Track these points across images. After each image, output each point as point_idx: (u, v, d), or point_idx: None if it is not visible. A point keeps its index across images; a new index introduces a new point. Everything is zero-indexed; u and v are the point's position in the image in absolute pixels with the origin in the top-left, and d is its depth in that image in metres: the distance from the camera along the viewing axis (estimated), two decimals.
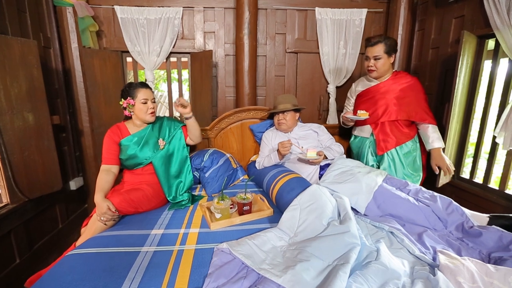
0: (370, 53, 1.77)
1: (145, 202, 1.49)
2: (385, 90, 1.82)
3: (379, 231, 1.23)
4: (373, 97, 1.85)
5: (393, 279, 0.88)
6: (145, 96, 1.54)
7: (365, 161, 1.93)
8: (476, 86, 1.92)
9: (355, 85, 2.03)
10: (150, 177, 1.61)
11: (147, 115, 1.56)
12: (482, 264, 0.90)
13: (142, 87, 1.57)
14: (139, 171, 1.61)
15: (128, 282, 0.93)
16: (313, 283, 0.85)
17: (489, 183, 1.83)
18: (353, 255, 0.94)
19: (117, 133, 1.57)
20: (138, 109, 1.55)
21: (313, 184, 1.34)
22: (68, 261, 1.06)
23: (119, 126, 1.61)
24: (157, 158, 1.60)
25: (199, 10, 2.38)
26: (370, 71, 1.81)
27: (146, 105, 1.55)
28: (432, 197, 1.37)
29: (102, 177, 1.46)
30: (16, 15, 1.70)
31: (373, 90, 1.86)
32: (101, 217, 1.30)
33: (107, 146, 1.55)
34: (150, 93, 1.59)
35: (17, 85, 1.59)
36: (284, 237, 1.14)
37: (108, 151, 1.54)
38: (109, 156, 1.54)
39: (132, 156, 1.56)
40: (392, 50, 1.75)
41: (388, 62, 1.77)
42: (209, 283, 0.89)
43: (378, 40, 1.73)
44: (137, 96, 1.53)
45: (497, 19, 1.61)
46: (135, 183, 1.57)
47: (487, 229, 1.12)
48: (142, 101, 1.54)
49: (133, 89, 1.54)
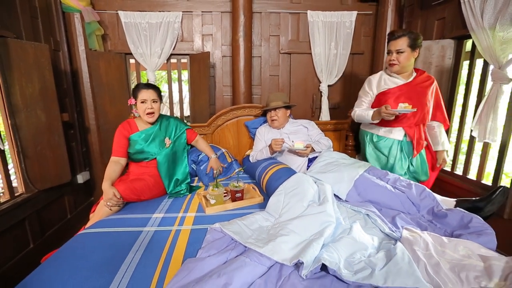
0: (393, 47, 1.66)
1: (147, 191, 1.63)
2: (417, 89, 1.69)
3: (357, 214, 1.36)
4: (408, 96, 1.68)
5: (361, 250, 1.01)
6: (144, 97, 1.62)
7: (400, 165, 1.78)
8: (456, 85, 2.04)
9: (376, 81, 1.81)
10: (153, 170, 1.75)
11: (145, 115, 1.65)
12: (437, 237, 1.03)
13: (144, 88, 1.65)
14: (144, 164, 1.75)
15: (132, 254, 1.08)
16: (290, 252, 0.98)
17: (468, 175, 1.95)
18: (327, 231, 1.07)
19: (127, 128, 1.70)
20: (138, 108, 1.66)
21: (297, 172, 1.47)
22: (80, 238, 1.21)
23: (130, 122, 1.74)
24: (161, 155, 1.74)
25: (197, 14, 2.53)
26: (391, 65, 1.69)
27: (144, 105, 1.63)
28: (408, 185, 1.50)
29: (110, 167, 1.60)
30: (29, 21, 1.86)
31: (405, 88, 1.70)
32: (107, 203, 1.45)
33: (118, 139, 1.68)
34: (151, 94, 1.64)
35: (31, 86, 1.75)
36: (270, 219, 1.28)
37: (118, 144, 1.67)
38: (118, 149, 1.67)
39: (139, 151, 1.70)
40: (416, 44, 1.64)
41: (411, 56, 1.66)
42: (201, 254, 1.03)
43: (402, 33, 1.63)
44: (138, 96, 1.63)
45: (472, 22, 1.74)
46: (139, 174, 1.72)
47: (452, 211, 1.25)
48: (141, 101, 1.63)
49: (136, 90, 1.65)
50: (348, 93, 2.79)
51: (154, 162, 1.76)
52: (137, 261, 1.04)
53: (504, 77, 1.59)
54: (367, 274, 0.87)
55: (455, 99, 2.07)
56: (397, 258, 0.90)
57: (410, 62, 1.68)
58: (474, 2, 1.71)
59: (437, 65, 2.05)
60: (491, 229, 1.08)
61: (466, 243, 0.98)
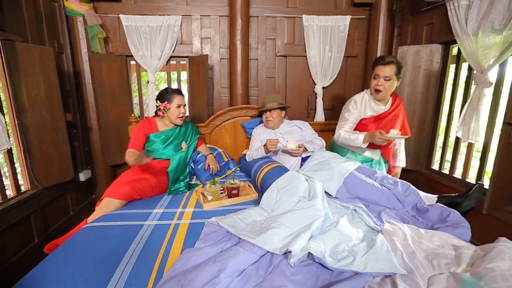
0: (381, 72, 1.68)
1: (149, 191, 1.72)
2: (394, 115, 1.80)
3: (346, 209, 1.45)
4: (383, 123, 1.79)
5: (345, 241, 1.10)
6: (179, 102, 1.80)
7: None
8: (443, 88, 2.14)
9: (360, 102, 1.86)
10: (160, 169, 1.83)
11: (178, 118, 1.82)
12: (415, 229, 1.12)
13: (178, 94, 1.81)
14: (156, 162, 1.84)
15: (134, 246, 1.16)
16: (280, 243, 1.07)
17: (454, 173, 2.05)
18: (315, 224, 1.16)
19: (148, 126, 1.81)
20: (171, 112, 1.80)
21: (290, 170, 1.56)
22: (85, 232, 1.30)
23: (150, 121, 1.85)
24: (176, 158, 1.86)
25: (196, 18, 2.62)
26: (377, 91, 1.72)
27: (179, 109, 1.80)
28: (395, 182, 1.59)
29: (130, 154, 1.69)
30: (35, 25, 1.94)
31: (385, 116, 1.80)
32: (137, 162, 1.55)
33: (137, 135, 1.76)
34: (183, 99, 1.83)
35: (36, 87, 1.83)
36: (263, 213, 1.37)
37: (136, 139, 1.75)
38: (135, 143, 1.75)
39: (156, 150, 1.82)
40: (400, 73, 1.71)
41: (395, 84, 1.72)
42: (198, 244, 1.12)
43: (391, 60, 1.67)
44: (173, 101, 1.78)
45: (457, 28, 1.84)
46: (143, 171, 1.79)
47: (433, 206, 1.33)
48: (176, 106, 1.79)
49: (170, 95, 1.79)
50: (342, 95, 2.88)
51: (165, 162, 1.85)
52: (139, 251, 1.12)
53: (486, 81, 1.68)
54: (349, 261, 0.96)
55: (442, 102, 2.16)
56: (377, 247, 0.98)
57: (392, 90, 1.75)
58: (459, 9, 1.80)
59: (426, 69, 2.14)
60: (466, 223, 1.17)
61: (441, 234, 1.07)
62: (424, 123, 2.20)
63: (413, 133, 2.25)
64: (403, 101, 1.90)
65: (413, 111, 2.23)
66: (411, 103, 2.23)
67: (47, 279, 0.97)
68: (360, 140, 1.73)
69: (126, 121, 2.41)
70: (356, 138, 1.74)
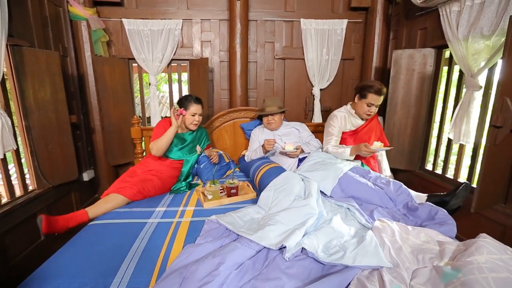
0: (376, 102, 1.86)
1: (153, 192, 1.79)
2: (369, 128, 2.01)
3: (340, 208, 1.52)
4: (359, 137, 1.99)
5: (337, 237, 1.17)
6: (195, 111, 1.93)
7: None
8: (436, 90, 2.20)
9: (343, 121, 2.04)
10: (169, 170, 1.91)
11: (191, 124, 1.95)
12: (404, 226, 1.18)
13: (195, 102, 1.94)
14: (168, 162, 1.92)
15: (138, 242, 1.23)
16: (276, 239, 1.14)
17: (446, 173, 2.11)
18: (309, 221, 1.23)
19: (169, 125, 1.90)
20: (186, 118, 1.93)
21: (286, 170, 1.63)
22: (91, 229, 1.36)
23: (169, 121, 1.93)
24: (190, 160, 1.99)
25: (196, 22, 2.69)
26: (368, 115, 1.94)
27: (193, 117, 1.93)
28: (387, 182, 1.66)
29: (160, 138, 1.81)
30: (41, 30, 2.00)
31: (361, 129, 2.00)
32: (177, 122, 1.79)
33: (160, 130, 1.86)
34: (200, 108, 1.95)
35: (43, 90, 1.90)
36: (261, 212, 1.44)
37: (159, 133, 1.85)
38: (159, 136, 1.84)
39: (170, 150, 1.92)
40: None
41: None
42: (199, 240, 1.19)
43: (384, 90, 1.86)
44: (189, 109, 1.91)
45: (449, 33, 1.90)
46: (151, 170, 1.85)
47: (422, 205, 1.40)
48: (191, 114, 1.92)
49: (188, 102, 1.92)
50: (339, 97, 2.95)
51: (177, 163, 1.95)
52: (143, 247, 1.19)
53: (476, 85, 1.75)
54: (340, 256, 1.02)
55: (436, 104, 2.23)
56: (366, 242, 1.05)
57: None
58: (450, 15, 1.87)
59: (419, 72, 2.21)
60: (452, 220, 1.24)
61: (427, 231, 1.14)
62: (418, 124, 2.27)
63: (408, 135, 2.32)
64: (377, 116, 2.08)
65: (407, 113, 2.30)
66: (405, 105, 2.30)
67: (57, 273, 1.03)
68: (347, 153, 1.87)
69: (128, 123, 2.48)
70: (343, 152, 1.88)
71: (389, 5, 2.61)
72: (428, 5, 2.03)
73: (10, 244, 1.68)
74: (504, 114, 1.40)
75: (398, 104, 2.33)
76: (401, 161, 2.38)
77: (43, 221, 1.35)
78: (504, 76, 1.39)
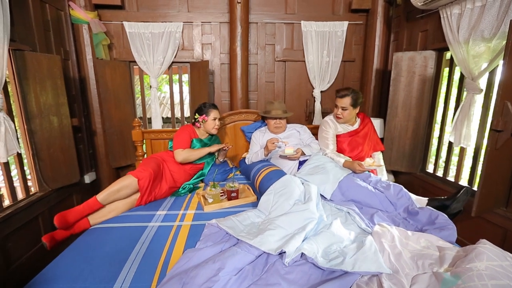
0: (339, 103, 1.98)
1: (159, 196, 1.81)
2: (364, 133, 2.06)
3: (340, 212, 1.52)
4: (355, 140, 2.04)
5: (337, 242, 1.17)
6: (215, 115, 2.06)
7: None
8: (437, 93, 2.20)
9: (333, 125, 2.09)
10: (183, 174, 1.96)
11: (213, 129, 2.07)
12: (403, 231, 1.18)
13: (214, 108, 2.07)
14: (188, 167, 2.00)
15: (139, 245, 1.24)
16: (276, 244, 1.14)
17: (447, 176, 2.10)
18: (309, 226, 1.23)
19: (190, 131, 2.05)
20: (208, 124, 2.05)
21: (286, 174, 1.63)
22: (92, 232, 1.38)
23: (191, 127, 2.09)
24: (210, 162, 2.13)
25: (197, 25, 2.69)
26: (337, 118, 2.03)
27: (214, 121, 2.06)
28: (387, 185, 1.66)
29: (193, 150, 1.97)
30: (42, 34, 2.02)
31: (355, 133, 2.05)
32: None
33: (185, 136, 1.99)
34: (218, 113, 2.09)
35: (45, 93, 1.91)
36: (261, 216, 1.44)
37: (185, 140, 1.97)
38: (184, 143, 1.97)
39: None
40: (357, 103, 1.96)
41: (353, 112, 2.01)
42: (199, 245, 1.19)
43: (346, 93, 1.94)
44: (210, 114, 2.04)
45: (450, 35, 1.89)
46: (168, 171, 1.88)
47: (422, 209, 1.40)
48: (212, 119, 2.04)
49: (208, 109, 2.04)
50: None
51: (196, 167, 2.05)
52: (144, 251, 1.20)
53: (476, 88, 1.74)
54: (339, 261, 1.02)
55: (436, 106, 2.22)
56: (365, 248, 1.05)
57: (352, 116, 2.03)
58: (451, 17, 1.86)
59: (420, 74, 2.20)
60: (452, 225, 1.24)
61: (427, 236, 1.14)
62: (419, 127, 2.26)
63: (408, 137, 2.31)
64: (371, 120, 2.16)
65: (408, 115, 2.29)
66: (406, 107, 2.29)
67: (60, 276, 1.04)
68: (340, 164, 1.92)
69: (130, 125, 2.48)
70: (338, 161, 1.94)
71: (390, 7, 2.60)
72: (429, 8, 2.02)
73: (12, 247, 1.69)
74: (505, 118, 1.39)
75: (399, 106, 2.32)
76: (402, 164, 2.38)
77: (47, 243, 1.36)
78: (504, 80, 1.38)
